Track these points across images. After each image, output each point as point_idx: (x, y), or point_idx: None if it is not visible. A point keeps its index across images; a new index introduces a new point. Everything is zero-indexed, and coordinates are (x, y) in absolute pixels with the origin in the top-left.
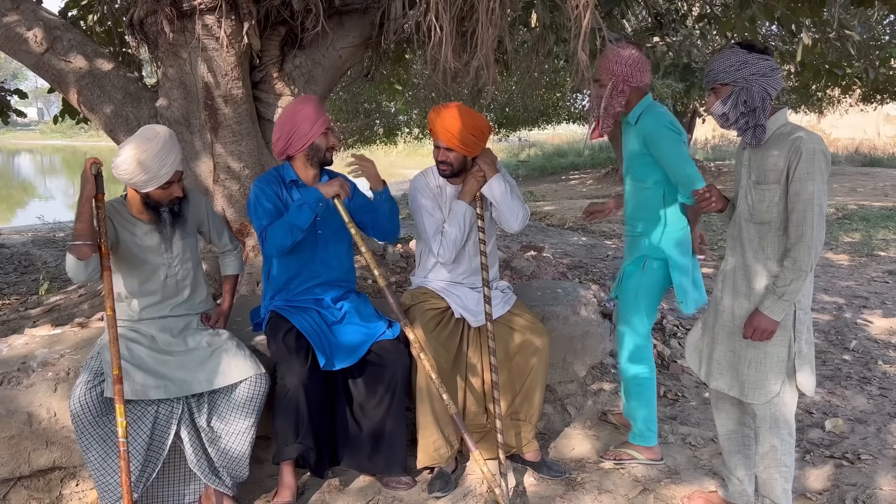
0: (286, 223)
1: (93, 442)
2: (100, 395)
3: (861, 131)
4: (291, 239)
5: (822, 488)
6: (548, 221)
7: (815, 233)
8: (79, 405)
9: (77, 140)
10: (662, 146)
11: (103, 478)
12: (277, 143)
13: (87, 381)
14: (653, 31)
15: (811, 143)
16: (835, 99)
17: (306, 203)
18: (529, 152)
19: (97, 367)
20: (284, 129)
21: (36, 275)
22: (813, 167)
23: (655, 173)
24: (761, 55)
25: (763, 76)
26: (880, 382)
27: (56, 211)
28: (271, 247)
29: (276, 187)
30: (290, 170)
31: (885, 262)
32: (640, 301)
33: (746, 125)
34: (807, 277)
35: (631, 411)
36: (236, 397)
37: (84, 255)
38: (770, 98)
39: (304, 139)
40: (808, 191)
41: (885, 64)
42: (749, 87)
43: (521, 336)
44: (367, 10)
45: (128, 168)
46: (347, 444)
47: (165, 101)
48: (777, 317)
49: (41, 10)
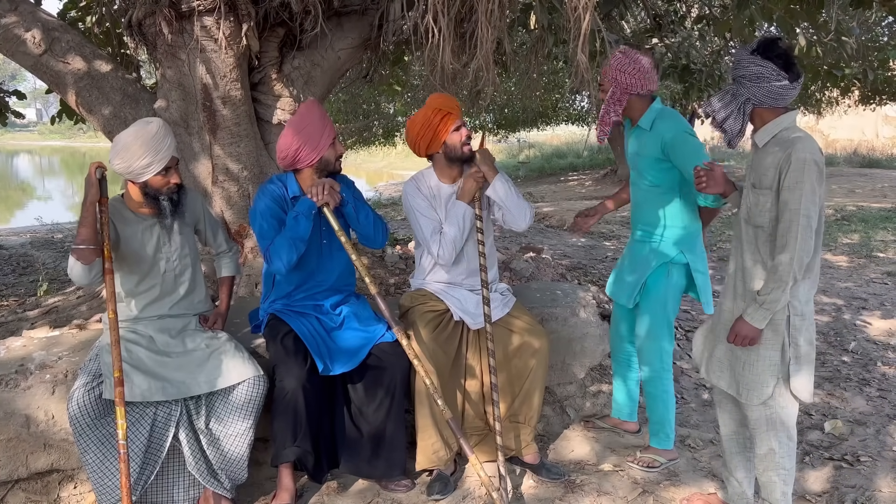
0: (287, 238)
1: (91, 444)
2: (98, 397)
3: (860, 132)
4: (297, 252)
5: (821, 490)
6: (547, 222)
7: (799, 243)
8: (77, 408)
9: (76, 141)
10: (685, 152)
11: (101, 480)
12: (285, 159)
13: (86, 384)
14: (652, 32)
15: (803, 151)
16: (834, 100)
17: (300, 214)
18: (528, 153)
19: (95, 368)
20: (292, 146)
21: (34, 276)
22: (802, 177)
23: (671, 178)
24: (757, 58)
25: (750, 80)
26: (879, 384)
27: (55, 212)
28: (278, 264)
29: (282, 199)
30: (294, 183)
31: (884, 264)
32: (669, 307)
33: (719, 126)
34: (787, 287)
35: (657, 416)
36: (235, 399)
37: (88, 259)
38: (754, 104)
39: (313, 154)
40: (796, 201)
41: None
42: (738, 91)
43: (520, 338)
44: (366, 11)
45: (126, 156)
46: (347, 448)
47: (164, 102)
48: (758, 324)
49: (40, 11)
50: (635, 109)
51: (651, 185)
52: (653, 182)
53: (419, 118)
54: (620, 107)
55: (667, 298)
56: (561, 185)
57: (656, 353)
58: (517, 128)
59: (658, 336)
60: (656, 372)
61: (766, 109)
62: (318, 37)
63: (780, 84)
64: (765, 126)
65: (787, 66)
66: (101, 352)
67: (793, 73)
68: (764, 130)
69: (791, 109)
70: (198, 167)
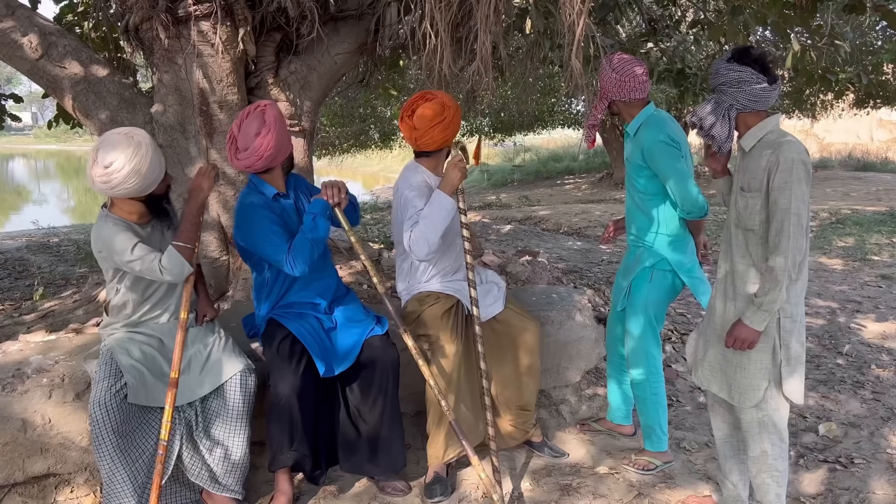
0: (307, 240)
1: (108, 448)
2: (123, 400)
3: (854, 136)
4: (318, 252)
5: (815, 493)
6: (543, 226)
7: (792, 242)
8: (102, 408)
9: (71, 145)
10: (659, 162)
11: (112, 486)
12: (262, 159)
13: (110, 385)
14: (647, 36)
15: (790, 152)
16: (828, 103)
17: (318, 214)
18: (525, 157)
19: (114, 370)
20: (281, 140)
21: (30, 280)
22: (791, 177)
23: (655, 185)
24: (734, 65)
25: (732, 86)
26: (873, 386)
27: (50, 216)
28: (302, 267)
29: (270, 209)
30: (265, 184)
31: (879, 267)
32: (650, 311)
33: (707, 133)
34: (783, 287)
35: (648, 420)
36: (228, 397)
37: (192, 257)
38: (737, 108)
39: (285, 151)
40: (786, 200)
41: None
42: (720, 98)
43: (519, 329)
44: (363, 16)
45: (133, 181)
46: (345, 448)
47: (160, 106)
48: (758, 326)
49: (36, 16)
50: (625, 115)
51: (639, 191)
52: (640, 188)
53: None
54: (601, 114)
55: (648, 302)
56: (557, 188)
57: (642, 356)
58: (513, 131)
59: (643, 339)
60: (643, 375)
61: (749, 114)
62: (315, 41)
63: (760, 87)
64: (750, 130)
65: (764, 69)
66: (114, 351)
67: (770, 76)
68: (749, 135)
69: (773, 113)
70: (194, 171)
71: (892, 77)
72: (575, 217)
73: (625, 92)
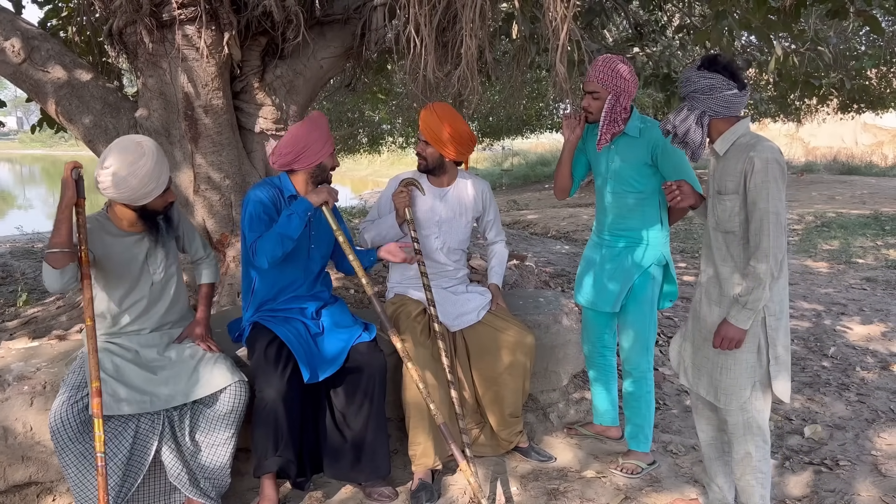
0: (276, 234)
1: (72, 458)
2: (81, 410)
3: (839, 140)
4: (282, 250)
5: (801, 495)
6: (531, 230)
7: (772, 241)
8: (59, 421)
9: (57, 149)
10: (675, 159)
11: (82, 493)
12: (285, 156)
13: (70, 397)
14: (633, 41)
15: (765, 152)
16: (812, 108)
17: (295, 212)
18: (513, 161)
19: (79, 381)
20: (298, 145)
21: (13, 286)
22: (767, 176)
23: (654, 184)
24: (705, 72)
25: (704, 93)
26: (858, 389)
27: (35, 221)
28: (262, 258)
29: (276, 200)
30: (289, 183)
31: (863, 270)
32: (654, 310)
33: (682, 140)
34: (766, 286)
35: (640, 419)
36: (218, 407)
37: (61, 263)
38: (711, 115)
39: (314, 157)
40: (764, 201)
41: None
42: (693, 105)
43: (508, 338)
44: (349, 20)
45: (124, 187)
46: (330, 455)
47: (145, 111)
48: (743, 325)
49: (19, 20)
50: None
51: (636, 193)
52: (638, 189)
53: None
54: (627, 113)
55: (653, 301)
56: (545, 192)
57: (644, 353)
58: (501, 136)
59: (647, 335)
60: (643, 372)
61: (720, 120)
62: (301, 46)
63: (731, 93)
64: (722, 135)
65: (734, 76)
66: (84, 362)
67: (740, 83)
68: (722, 139)
69: (742, 118)
70: (179, 176)
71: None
72: (563, 221)
73: (635, 90)
